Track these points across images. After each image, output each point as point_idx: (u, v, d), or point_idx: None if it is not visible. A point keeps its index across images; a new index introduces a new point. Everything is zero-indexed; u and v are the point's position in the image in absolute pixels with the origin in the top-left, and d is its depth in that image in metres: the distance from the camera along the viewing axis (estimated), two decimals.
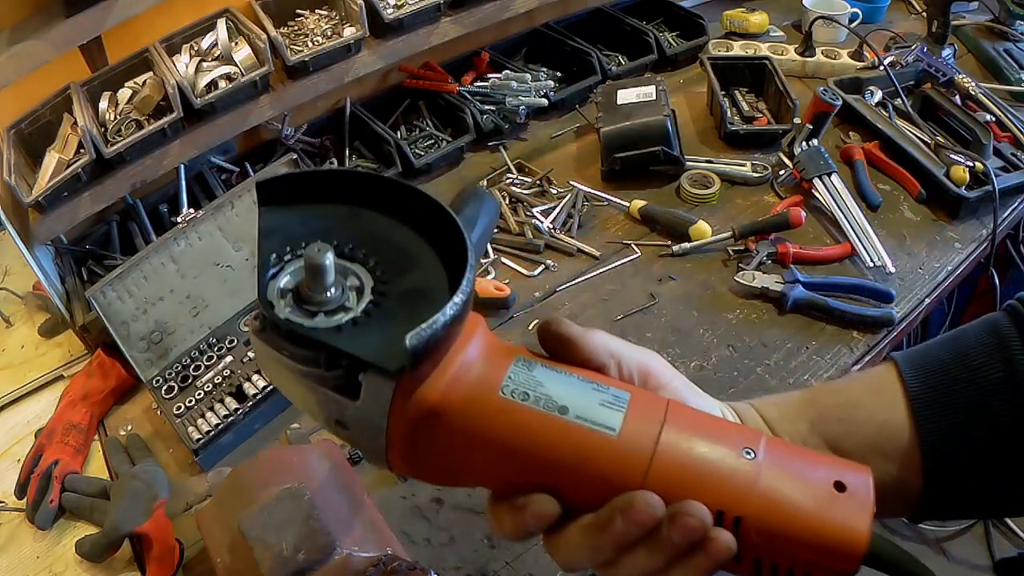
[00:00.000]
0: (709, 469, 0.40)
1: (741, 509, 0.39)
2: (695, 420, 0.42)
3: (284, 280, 0.40)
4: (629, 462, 0.39)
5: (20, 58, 1.04)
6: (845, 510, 0.39)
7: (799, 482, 0.40)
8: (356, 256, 0.42)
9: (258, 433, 1.02)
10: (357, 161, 1.47)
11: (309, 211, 0.44)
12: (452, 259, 0.41)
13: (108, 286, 0.97)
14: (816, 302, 1.07)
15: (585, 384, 0.42)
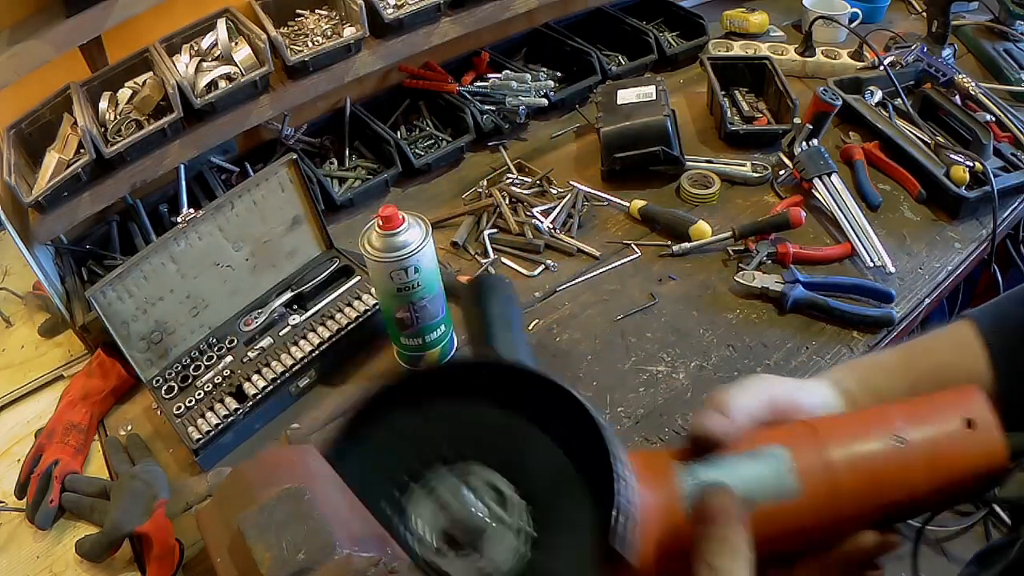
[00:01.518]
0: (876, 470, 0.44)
1: (913, 492, 0.44)
2: (842, 433, 0.46)
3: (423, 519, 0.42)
4: (820, 512, 0.43)
5: (20, 58, 1.04)
6: (980, 442, 0.45)
7: (941, 441, 0.45)
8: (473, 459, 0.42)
9: (258, 433, 1.02)
10: (357, 161, 1.47)
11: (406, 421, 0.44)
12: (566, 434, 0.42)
13: (108, 286, 0.97)
14: (816, 302, 1.07)
15: (746, 463, 0.44)
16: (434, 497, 0.41)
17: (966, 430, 0.45)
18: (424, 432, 0.44)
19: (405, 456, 0.43)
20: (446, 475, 0.41)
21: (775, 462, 0.44)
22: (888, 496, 0.44)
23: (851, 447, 0.45)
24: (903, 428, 0.45)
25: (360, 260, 1.15)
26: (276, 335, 1.09)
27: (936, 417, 0.46)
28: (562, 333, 1.10)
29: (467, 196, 1.38)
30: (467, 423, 0.44)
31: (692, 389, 1.00)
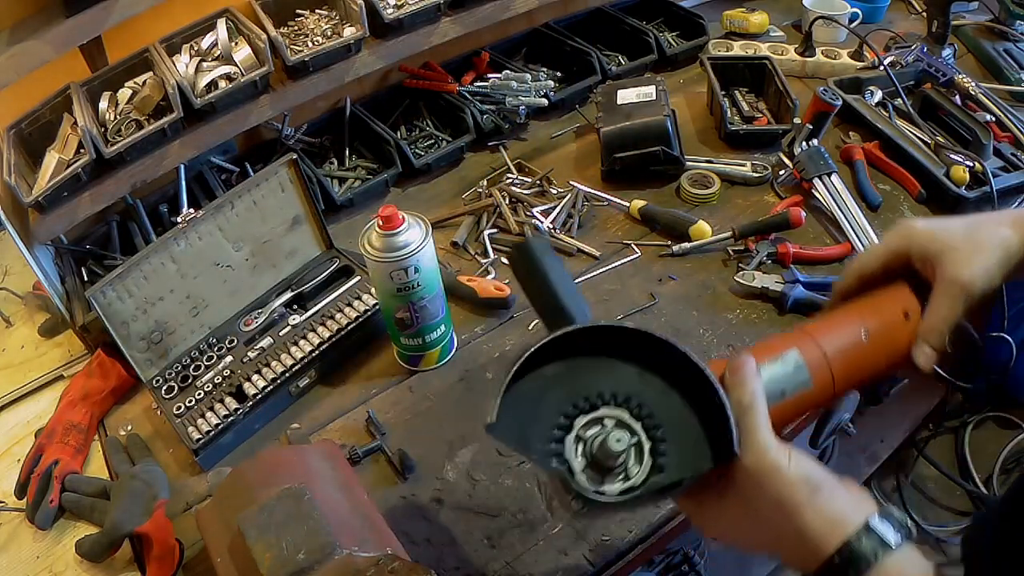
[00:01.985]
0: (856, 360, 0.62)
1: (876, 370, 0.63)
2: (830, 332, 0.63)
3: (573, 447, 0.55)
4: (825, 392, 0.61)
5: (20, 58, 1.04)
6: (914, 327, 0.63)
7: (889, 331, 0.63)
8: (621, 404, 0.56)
9: (258, 433, 1.02)
10: (357, 161, 1.47)
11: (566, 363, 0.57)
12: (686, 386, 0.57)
13: (108, 286, 0.97)
14: (816, 302, 1.07)
15: (777, 367, 0.61)
16: (586, 431, 0.55)
17: (904, 320, 0.63)
18: (567, 382, 0.57)
19: (556, 401, 0.56)
20: (595, 415, 0.56)
21: (793, 362, 0.61)
22: (861, 375, 0.63)
23: (837, 344, 0.62)
24: (865, 324, 0.63)
25: (360, 260, 1.15)
26: (276, 335, 1.09)
27: (884, 312, 0.64)
28: None
29: (467, 196, 1.38)
30: (599, 374, 0.57)
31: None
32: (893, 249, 0.66)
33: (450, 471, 0.93)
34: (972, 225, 0.64)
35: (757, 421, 0.56)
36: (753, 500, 0.56)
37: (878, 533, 0.52)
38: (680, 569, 1.53)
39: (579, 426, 0.55)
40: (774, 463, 0.55)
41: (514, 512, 0.88)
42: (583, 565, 0.82)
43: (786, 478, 0.55)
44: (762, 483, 0.55)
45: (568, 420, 0.55)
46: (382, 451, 0.96)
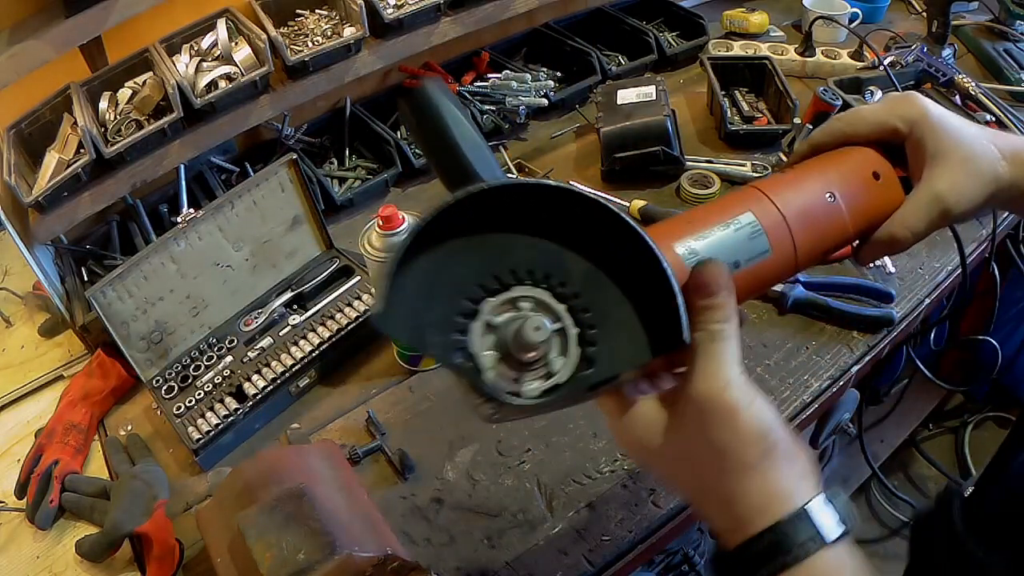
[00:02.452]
0: (821, 224, 0.55)
1: (845, 236, 0.57)
2: (793, 195, 0.55)
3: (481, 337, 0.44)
4: (787, 262, 0.54)
5: (20, 58, 1.04)
6: (885, 188, 0.58)
7: (859, 193, 0.57)
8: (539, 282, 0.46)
9: (258, 433, 1.02)
10: (357, 161, 1.47)
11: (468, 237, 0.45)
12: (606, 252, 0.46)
13: (108, 286, 0.97)
14: (816, 302, 1.07)
15: (729, 233, 0.52)
16: (492, 319, 0.44)
17: (875, 181, 0.58)
18: (474, 258, 0.45)
19: (459, 281, 0.45)
20: (507, 296, 0.45)
21: (749, 227, 0.53)
22: (829, 241, 0.56)
23: (798, 206, 0.55)
24: (831, 187, 0.57)
25: (360, 260, 1.15)
26: (276, 335, 1.09)
27: (852, 174, 0.58)
28: None
29: None
30: (514, 249, 0.46)
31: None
32: (891, 126, 0.60)
33: (450, 471, 0.93)
34: (977, 143, 0.59)
35: (724, 349, 0.47)
36: (693, 438, 0.48)
37: (815, 522, 0.46)
38: (680, 569, 1.53)
39: (488, 310, 0.44)
40: (731, 403, 0.46)
41: (514, 512, 0.88)
42: (583, 565, 0.82)
43: (740, 427, 0.47)
44: (710, 423, 0.47)
45: (475, 304, 0.44)
46: (382, 451, 0.96)
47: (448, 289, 0.44)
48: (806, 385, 1.00)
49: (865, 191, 0.58)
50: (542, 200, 0.45)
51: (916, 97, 0.60)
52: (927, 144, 0.58)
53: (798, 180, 0.58)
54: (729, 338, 0.48)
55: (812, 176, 0.58)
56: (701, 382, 0.47)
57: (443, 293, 0.44)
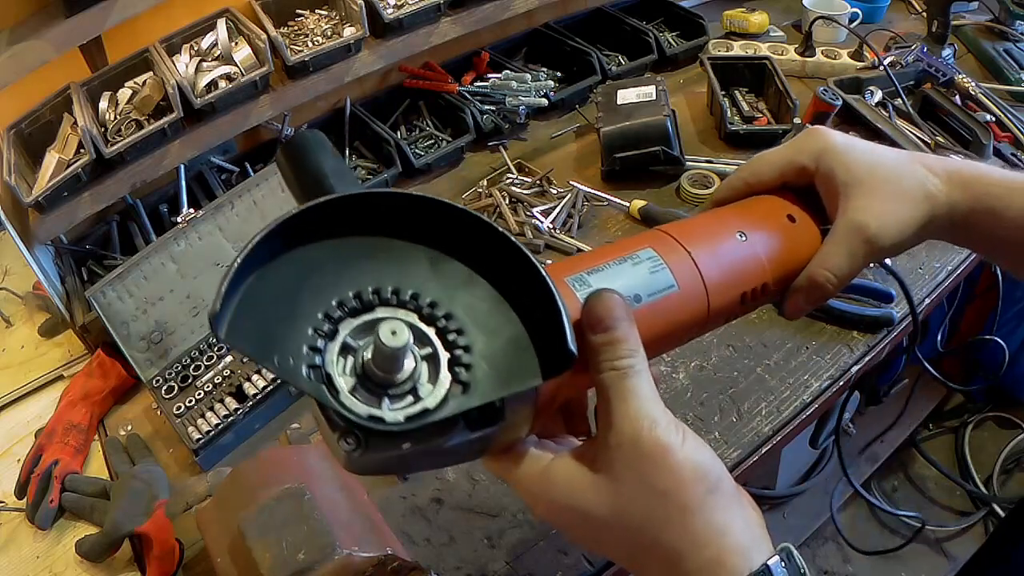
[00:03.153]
0: (734, 262, 0.52)
1: (763, 277, 0.54)
2: (699, 234, 0.53)
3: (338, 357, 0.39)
4: (698, 300, 0.50)
5: (20, 58, 1.04)
6: (801, 231, 0.56)
7: (774, 234, 0.55)
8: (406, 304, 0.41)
9: (258, 433, 1.02)
10: (357, 161, 1.47)
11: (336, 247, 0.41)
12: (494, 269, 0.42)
13: (108, 286, 0.97)
14: None
15: (626, 267, 0.48)
16: (351, 341, 0.39)
17: (791, 224, 0.56)
18: (334, 272, 0.41)
19: (317, 295, 0.40)
20: (368, 316, 0.40)
21: (649, 261, 0.49)
22: (746, 281, 0.53)
23: (707, 244, 0.52)
24: (742, 227, 0.54)
25: None
26: None
27: (764, 218, 0.56)
28: None
29: (467, 196, 1.38)
30: (379, 262, 0.41)
31: (692, 389, 1.00)
32: (798, 164, 0.56)
33: (450, 471, 0.93)
34: (897, 163, 0.53)
35: (638, 385, 0.42)
36: (628, 489, 0.41)
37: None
38: None
39: (347, 332, 0.39)
40: (662, 441, 0.41)
41: (514, 512, 0.88)
42: (583, 565, 0.82)
43: (675, 466, 0.41)
44: (644, 468, 0.41)
45: (333, 323, 0.39)
46: None
47: (305, 302, 0.39)
48: (806, 385, 1.00)
49: (780, 234, 0.55)
50: (412, 211, 0.42)
51: (819, 130, 0.56)
52: (837, 174, 0.53)
53: (704, 220, 0.55)
54: (640, 372, 0.42)
55: (720, 217, 0.56)
56: (624, 425, 0.41)
57: (300, 307, 0.39)
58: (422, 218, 0.42)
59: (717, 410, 0.97)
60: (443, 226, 0.42)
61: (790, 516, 1.82)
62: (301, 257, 0.40)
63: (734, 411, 0.97)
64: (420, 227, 0.42)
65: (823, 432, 1.66)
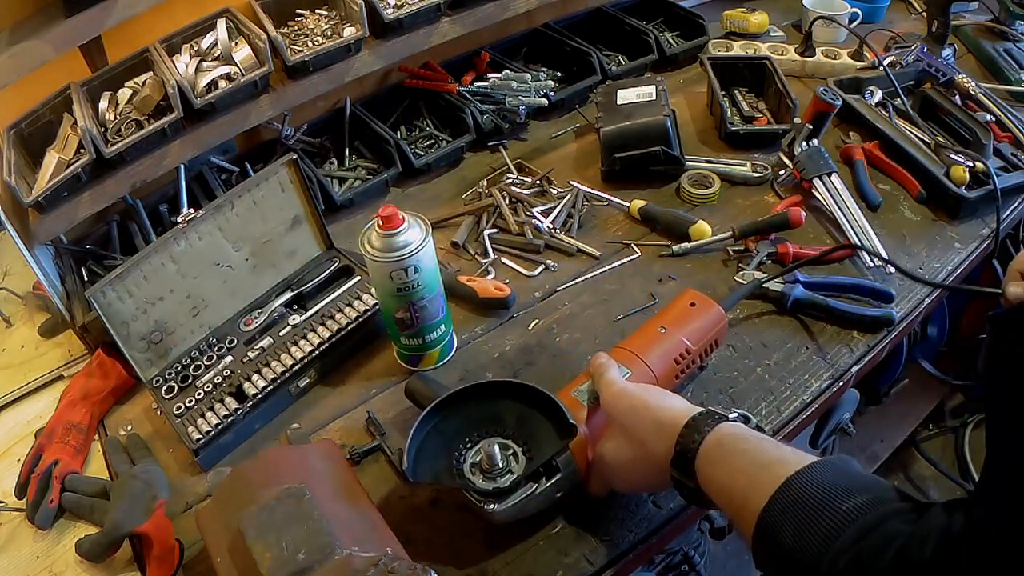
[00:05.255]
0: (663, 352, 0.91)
1: (686, 349, 0.92)
2: (643, 346, 0.91)
3: (468, 468, 0.83)
4: (648, 376, 0.89)
5: (20, 58, 1.04)
6: (702, 312, 0.95)
7: (681, 318, 0.94)
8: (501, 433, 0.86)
9: (258, 433, 1.02)
10: (357, 161, 1.47)
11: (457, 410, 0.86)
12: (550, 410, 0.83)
13: (108, 286, 0.97)
14: (816, 302, 1.07)
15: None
16: (473, 453, 0.84)
17: (692, 307, 0.94)
18: (463, 419, 0.86)
19: (454, 435, 0.85)
20: (477, 441, 0.85)
21: (622, 372, 0.86)
22: (673, 355, 0.90)
23: (648, 349, 0.90)
24: (662, 322, 0.93)
25: (360, 260, 1.15)
26: (276, 335, 1.09)
27: (677, 309, 0.95)
28: (562, 333, 1.10)
29: (467, 196, 1.38)
30: (480, 414, 0.86)
31: (692, 389, 1.00)
32: None
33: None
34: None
35: (609, 371, 0.82)
36: (618, 419, 0.78)
37: (714, 410, 0.72)
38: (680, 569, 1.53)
39: (470, 455, 0.84)
40: (621, 388, 0.79)
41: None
42: (583, 565, 0.82)
43: (632, 392, 0.79)
44: (617, 404, 0.78)
45: (462, 454, 0.84)
46: (382, 451, 0.96)
47: (446, 449, 0.84)
48: (806, 385, 1.00)
49: (687, 316, 0.94)
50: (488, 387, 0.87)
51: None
52: None
53: (643, 332, 0.94)
54: (608, 367, 0.83)
55: (649, 324, 0.94)
56: (603, 394, 0.81)
57: (444, 452, 0.84)
58: (489, 389, 0.87)
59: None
60: (501, 388, 0.87)
61: None
62: (441, 420, 0.86)
63: None
64: (490, 391, 0.87)
65: (823, 432, 1.65)
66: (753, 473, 0.63)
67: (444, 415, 0.85)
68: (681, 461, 0.70)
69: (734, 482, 0.65)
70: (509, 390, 0.85)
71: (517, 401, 0.85)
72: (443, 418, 0.85)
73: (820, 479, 0.60)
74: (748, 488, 0.63)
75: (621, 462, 0.78)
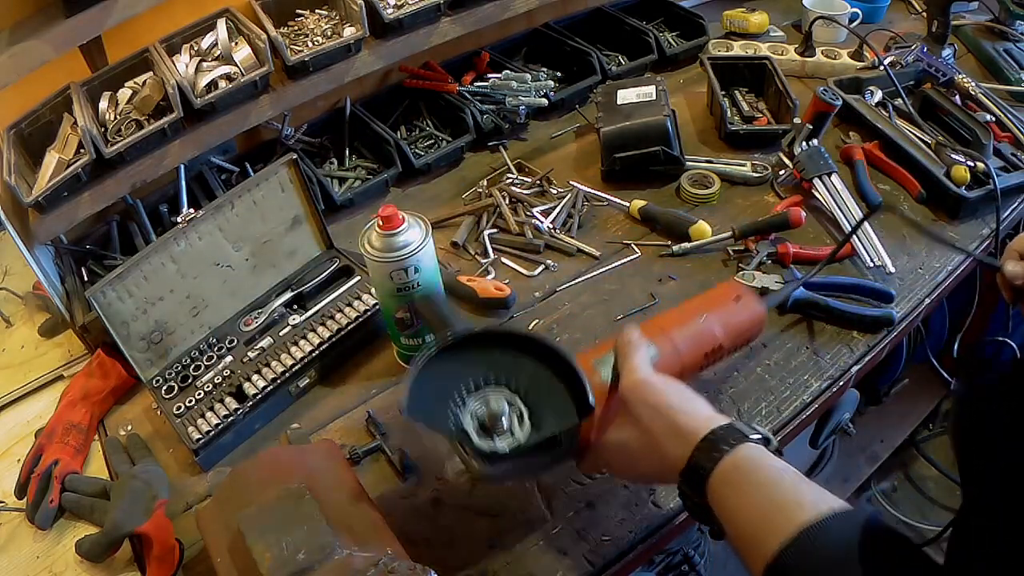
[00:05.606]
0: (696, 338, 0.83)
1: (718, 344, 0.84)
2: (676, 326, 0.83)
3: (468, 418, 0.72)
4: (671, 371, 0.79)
5: (20, 58, 1.04)
6: (745, 308, 0.87)
7: (723, 312, 0.86)
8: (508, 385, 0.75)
9: (258, 433, 1.02)
10: (357, 161, 1.47)
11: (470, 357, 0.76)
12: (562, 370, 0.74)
13: (108, 286, 0.97)
14: (816, 302, 1.07)
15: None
16: (474, 405, 0.73)
17: (736, 303, 0.87)
18: (466, 369, 0.75)
19: (455, 384, 0.74)
20: (481, 393, 0.74)
21: (650, 352, 0.78)
22: (705, 348, 0.83)
23: (684, 336, 0.82)
24: (704, 309, 0.85)
25: (360, 260, 1.15)
26: (276, 335, 1.09)
27: (719, 300, 0.87)
28: (562, 333, 1.10)
29: (467, 196, 1.38)
30: (489, 362, 0.76)
31: (692, 389, 1.00)
32: None
33: (450, 471, 0.93)
34: None
35: (635, 354, 0.74)
36: (634, 410, 0.71)
37: (740, 429, 0.66)
38: (680, 569, 1.53)
39: (472, 403, 0.73)
40: (645, 378, 0.72)
41: (514, 512, 0.88)
42: (583, 565, 0.82)
43: (656, 387, 0.71)
44: (637, 394, 0.71)
45: (462, 400, 0.73)
46: (382, 451, 0.96)
47: (447, 392, 0.73)
48: (806, 385, 1.00)
49: (729, 309, 0.87)
50: (497, 335, 0.78)
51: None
52: None
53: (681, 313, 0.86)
54: (635, 348, 0.75)
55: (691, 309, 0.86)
56: (624, 378, 0.73)
57: (444, 395, 0.73)
58: (507, 338, 0.77)
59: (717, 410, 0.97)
60: (520, 341, 0.77)
61: None
62: (444, 364, 0.74)
63: (734, 411, 0.97)
64: (508, 341, 0.77)
65: (823, 432, 1.66)
66: (768, 511, 0.60)
67: (456, 355, 0.75)
68: (693, 476, 0.66)
69: (747, 515, 0.62)
70: (530, 346, 0.75)
71: (535, 359, 0.75)
72: (452, 358, 0.75)
73: (837, 538, 0.57)
74: (760, 526, 0.60)
75: (629, 453, 0.73)
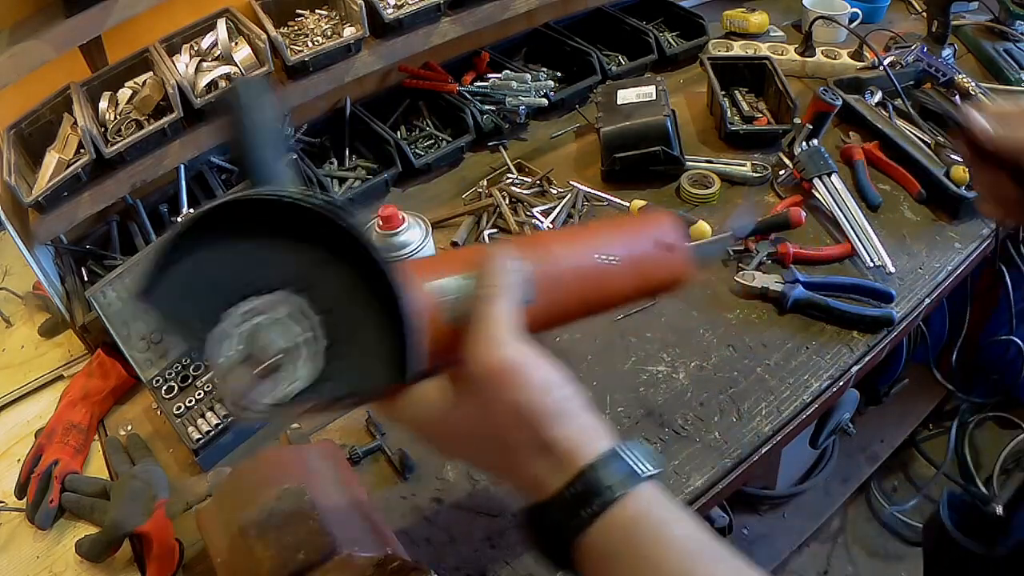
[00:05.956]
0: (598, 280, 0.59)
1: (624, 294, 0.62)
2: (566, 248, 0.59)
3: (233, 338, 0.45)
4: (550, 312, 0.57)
5: (20, 58, 1.04)
6: (675, 259, 0.62)
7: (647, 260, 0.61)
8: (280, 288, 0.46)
9: (258, 433, 1.02)
10: (357, 161, 1.47)
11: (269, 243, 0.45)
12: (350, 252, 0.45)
13: (108, 286, 0.97)
14: (816, 302, 1.07)
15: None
16: (246, 326, 0.45)
17: (667, 253, 0.62)
18: (256, 258, 0.46)
19: (210, 293, 0.45)
20: (265, 305, 0.45)
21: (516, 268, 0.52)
22: (602, 296, 0.60)
23: (575, 261, 0.57)
24: (613, 248, 0.59)
25: None
26: None
27: (641, 241, 0.61)
28: (562, 333, 1.10)
29: (467, 196, 1.38)
30: (293, 259, 0.46)
31: (692, 389, 1.00)
32: None
33: (450, 471, 0.93)
34: None
35: (496, 312, 0.48)
36: (489, 403, 0.47)
37: (629, 459, 0.46)
38: None
39: (245, 309, 0.45)
40: (512, 361, 0.47)
41: (514, 512, 0.88)
42: None
43: (528, 381, 0.47)
44: (499, 384, 0.47)
45: (235, 307, 0.45)
46: (382, 451, 0.96)
47: (215, 286, 0.45)
48: (806, 385, 1.00)
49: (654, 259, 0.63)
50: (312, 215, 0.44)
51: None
52: None
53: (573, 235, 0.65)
54: (496, 299, 0.49)
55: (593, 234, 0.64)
56: (476, 347, 0.48)
57: (211, 288, 0.45)
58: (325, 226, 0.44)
59: (717, 410, 0.97)
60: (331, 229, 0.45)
61: (790, 516, 1.82)
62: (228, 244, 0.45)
63: (734, 411, 0.97)
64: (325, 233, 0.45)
65: (823, 432, 1.65)
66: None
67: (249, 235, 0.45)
68: (553, 534, 0.47)
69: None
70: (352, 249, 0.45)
71: (357, 270, 0.45)
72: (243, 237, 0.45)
73: None
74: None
75: (465, 443, 0.51)
